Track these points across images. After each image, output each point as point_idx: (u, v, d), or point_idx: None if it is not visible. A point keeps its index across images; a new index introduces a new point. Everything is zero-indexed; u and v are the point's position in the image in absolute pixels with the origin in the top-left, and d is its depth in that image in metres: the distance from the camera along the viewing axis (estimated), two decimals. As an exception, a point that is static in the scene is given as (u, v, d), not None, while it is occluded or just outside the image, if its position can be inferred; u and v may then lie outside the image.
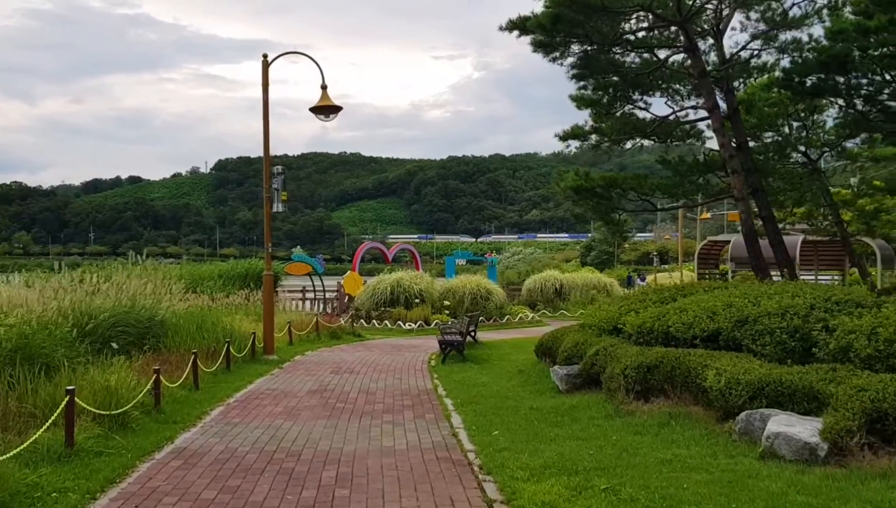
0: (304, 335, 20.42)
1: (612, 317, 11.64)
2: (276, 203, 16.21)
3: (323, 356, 17.55)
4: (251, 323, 18.34)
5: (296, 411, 10.28)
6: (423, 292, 26.83)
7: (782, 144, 18.04)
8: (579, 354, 11.43)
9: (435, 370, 14.75)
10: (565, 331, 13.44)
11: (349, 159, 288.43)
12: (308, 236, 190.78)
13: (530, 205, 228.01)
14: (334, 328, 21.98)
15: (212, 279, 25.34)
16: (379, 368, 15.21)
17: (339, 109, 16.23)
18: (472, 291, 28.01)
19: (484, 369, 14.69)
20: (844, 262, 32.00)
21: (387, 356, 17.45)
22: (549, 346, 13.53)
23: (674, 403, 8.74)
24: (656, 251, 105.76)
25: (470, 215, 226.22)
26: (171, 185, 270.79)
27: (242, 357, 15.17)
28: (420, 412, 10.17)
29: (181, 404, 10.53)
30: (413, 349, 19.42)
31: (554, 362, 13.32)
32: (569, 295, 34.80)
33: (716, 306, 9.51)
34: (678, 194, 17.24)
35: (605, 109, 16.85)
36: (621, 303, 12.24)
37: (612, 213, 17.67)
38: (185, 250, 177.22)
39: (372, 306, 26.77)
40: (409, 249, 40.07)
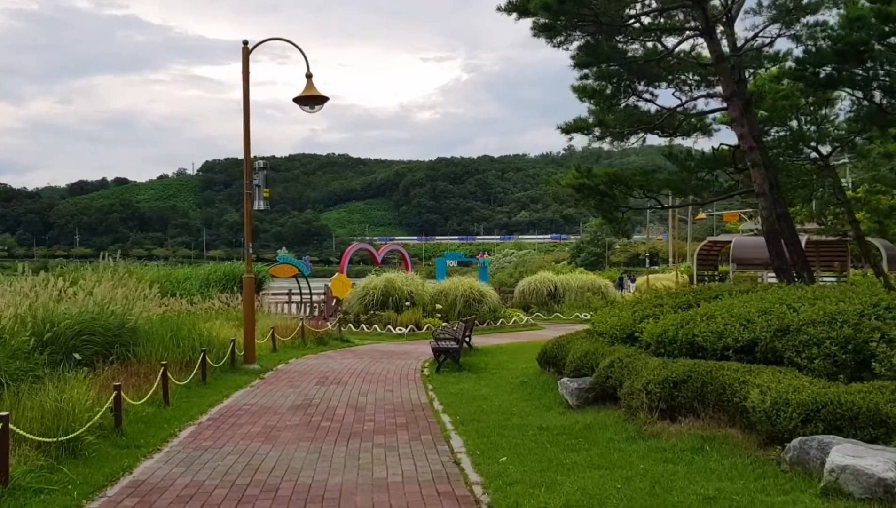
0: (289, 341, 19.28)
1: (626, 324, 10.57)
2: (258, 200, 15.09)
3: (308, 364, 16.42)
4: (232, 329, 17.19)
5: (275, 431, 9.16)
6: (413, 295, 25.75)
7: (795, 138, 17.05)
8: (590, 365, 10.36)
9: (429, 380, 13.65)
10: (571, 338, 12.36)
11: (337, 161, 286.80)
12: (296, 238, 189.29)
13: (519, 206, 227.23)
14: (321, 334, 20.85)
15: (192, 282, 24.16)
16: (368, 378, 14.10)
17: (325, 100, 15.12)
18: (465, 293, 26.93)
19: (482, 379, 13.60)
20: (846, 262, 31.21)
21: (377, 364, 16.34)
22: (553, 355, 12.45)
23: (705, 424, 7.67)
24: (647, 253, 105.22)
25: (458, 216, 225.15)
26: (157, 186, 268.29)
27: (221, 367, 14.02)
28: (415, 432, 9.06)
29: (147, 424, 9.38)
30: (404, 355, 18.32)
31: (560, 372, 12.25)
32: (563, 297, 33.78)
33: (749, 312, 8.44)
34: (686, 191, 16.22)
35: (608, 100, 15.81)
36: (635, 308, 11.17)
37: (615, 211, 16.61)
38: (172, 251, 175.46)
39: (361, 310, 25.66)
40: (399, 250, 38.91)
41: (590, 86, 15.68)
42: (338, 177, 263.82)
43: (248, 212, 15.30)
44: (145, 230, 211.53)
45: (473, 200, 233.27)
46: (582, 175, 16.20)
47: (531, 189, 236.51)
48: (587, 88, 15.69)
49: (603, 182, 16.09)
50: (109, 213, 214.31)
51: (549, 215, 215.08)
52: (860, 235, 18.03)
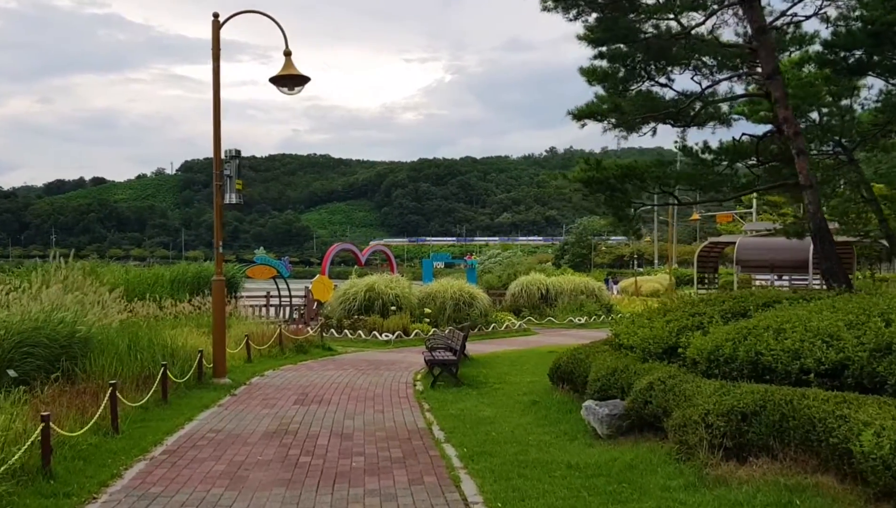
0: (265, 349, 17.54)
1: (662, 336, 8.97)
2: (229, 194, 13.36)
3: (286, 376, 14.71)
4: (201, 337, 15.44)
5: (244, 470, 7.46)
6: (400, 299, 24.05)
7: (824, 129, 15.55)
8: (619, 385, 8.75)
9: (424, 398, 11.99)
10: (589, 351, 10.75)
11: (318, 161, 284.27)
12: (276, 239, 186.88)
13: (501, 208, 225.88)
14: (301, 341, 19.12)
15: (161, 284, 22.31)
16: (354, 394, 12.42)
17: (306, 80, 13.43)
18: (455, 296, 25.28)
19: (485, 395, 11.95)
20: (852, 265, 29.92)
21: (363, 377, 14.66)
22: (569, 370, 10.84)
23: (786, 468, 6.08)
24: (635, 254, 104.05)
25: (441, 217, 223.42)
26: (135, 186, 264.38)
27: (186, 382, 12.29)
28: (416, 471, 7.39)
29: (87, 460, 7.66)
30: (393, 365, 16.65)
31: (576, 390, 10.65)
32: (556, 300, 32.21)
33: (834, 326, 6.86)
34: (706, 186, 14.66)
35: (620, 84, 14.21)
36: (668, 317, 9.57)
37: (626, 208, 15.03)
38: (150, 252, 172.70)
39: (344, 314, 23.94)
40: (384, 250, 37.21)
41: (601, 68, 14.07)
42: (319, 177, 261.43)
43: (217, 206, 13.58)
44: (123, 230, 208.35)
45: (456, 201, 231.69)
46: (591, 168, 14.61)
47: (514, 190, 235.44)
48: (598, 70, 14.08)
49: (614, 175, 14.51)
50: (86, 213, 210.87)
51: (532, 216, 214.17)
52: (890, 234, 16.56)
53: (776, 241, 25.29)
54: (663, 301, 39.71)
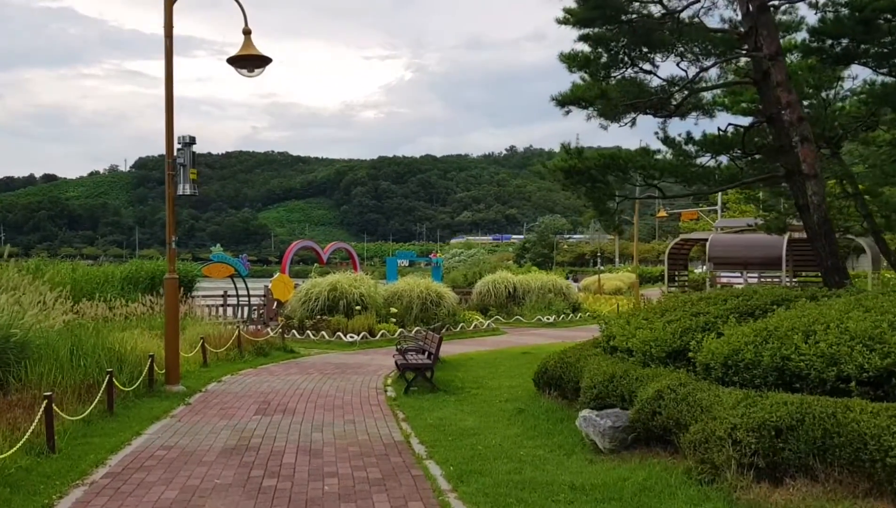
0: (223, 352, 16.42)
1: (665, 338, 8.15)
2: (183, 184, 12.27)
3: (246, 382, 13.66)
4: (154, 339, 14.31)
5: (199, 497, 6.45)
6: (365, 298, 23.04)
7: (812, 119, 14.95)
8: (618, 393, 7.92)
9: (398, 405, 11.05)
10: (579, 354, 9.91)
11: (276, 159, 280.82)
12: (233, 237, 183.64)
13: (462, 206, 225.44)
14: (261, 343, 18.03)
15: (111, 284, 21.00)
16: (321, 401, 11.44)
17: (267, 62, 12.39)
18: (422, 295, 24.35)
19: (464, 402, 11.04)
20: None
21: (329, 382, 13.67)
22: (556, 375, 10.00)
23: (829, 490, 5.30)
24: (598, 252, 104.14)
25: (401, 216, 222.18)
26: (88, 183, 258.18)
27: (135, 391, 11.18)
28: (398, 495, 6.45)
29: (15, 487, 6.60)
30: (360, 369, 15.68)
31: (564, 396, 9.82)
32: (523, 299, 31.44)
33: (878, 327, 6.09)
34: (690, 178, 13.93)
35: (602, 70, 13.43)
36: (667, 317, 8.76)
37: (607, 201, 14.27)
38: (103, 251, 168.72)
39: (306, 314, 22.85)
40: (346, 248, 36.13)
41: (583, 53, 13.25)
42: (277, 175, 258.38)
43: (170, 198, 12.47)
44: (75, 229, 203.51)
45: (416, 199, 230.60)
46: (571, 157, 13.82)
47: (474, 189, 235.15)
48: (579, 56, 13.26)
49: (595, 165, 13.74)
50: (36, 210, 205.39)
51: (493, 215, 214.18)
52: (876, 229, 16.06)
53: (749, 238, 24.80)
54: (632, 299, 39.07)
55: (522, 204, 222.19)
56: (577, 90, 12.87)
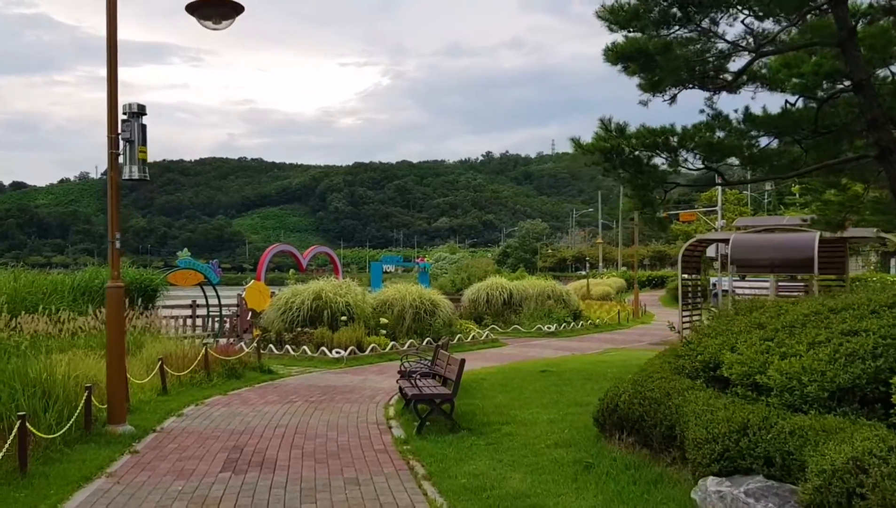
0: (187, 375, 13.68)
1: (828, 371, 5.59)
2: (129, 166, 9.55)
3: (213, 416, 10.94)
4: (100, 362, 11.53)
5: None
6: (351, 307, 20.36)
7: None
8: (760, 453, 5.35)
9: (412, 452, 8.40)
10: (666, 385, 7.27)
11: (251, 165, 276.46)
12: (207, 244, 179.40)
13: (439, 212, 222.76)
14: (233, 362, 15.27)
15: (59, 294, 18.14)
16: (310, 446, 8.78)
17: (239, 10, 9.72)
18: (415, 304, 21.72)
19: (501, 449, 8.37)
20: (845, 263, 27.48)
21: (316, 413, 11.01)
22: (634, 415, 7.37)
23: None
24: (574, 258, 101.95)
25: (377, 222, 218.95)
26: (57, 191, 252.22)
27: (65, 435, 8.46)
28: None
29: None
30: (352, 394, 13.02)
31: (647, 445, 7.23)
32: (520, 306, 28.91)
33: None
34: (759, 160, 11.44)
35: (652, 27, 10.89)
36: (807, 335, 6.20)
37: (654, 189, 11.74)
38: (73, 259, 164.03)
39: (285, 327, 20.12)
40: (327, 252, 33.37)
41: (629, 5, 10.71)
42: (251, 182, 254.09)
43: (113, 183, 9.75)
44: (44, 237, 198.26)
45: (393, 205, 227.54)
46: (612, 136, 11.28)
47: (451, 195, 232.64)
48: (625, 7, 10.71)
49: (643, 145, 11.20)
50: (5, 218, 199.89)
51: (470, 221, 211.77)
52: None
53: (777, 237, 22.42)
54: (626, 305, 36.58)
55: (499, 210, 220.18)
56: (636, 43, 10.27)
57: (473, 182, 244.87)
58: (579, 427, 8.95)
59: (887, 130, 10.77)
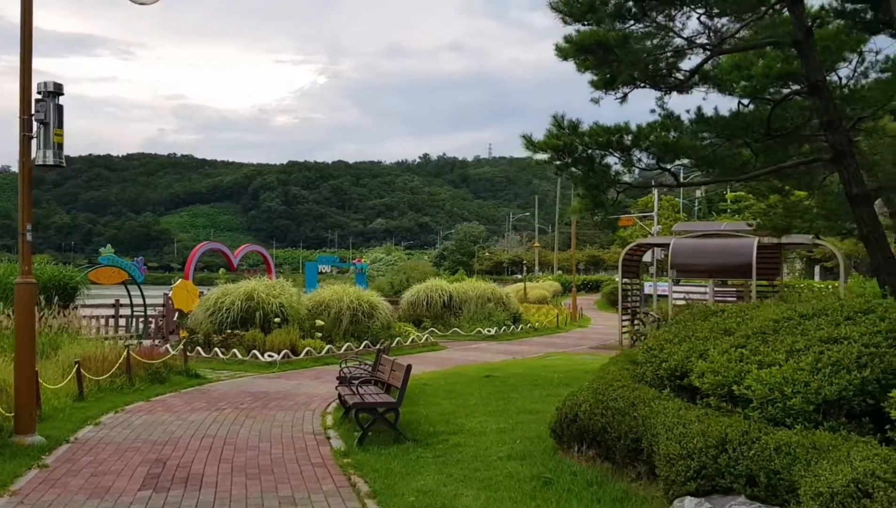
0: (107, 380, 12.71)
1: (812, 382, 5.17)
2: (43, 149, 8.66)
3: (134, 425, 10.07)
4: (8, 365, 10.56)
5: None
6: (285, 309, 19.51)
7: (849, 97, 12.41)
8: (742, 471, 4.89)
9: (354, 466, 7.74)
10: (629, 394, 6.79)
11: (180, 162, 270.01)
12: (134, 242, 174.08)
13: (375, 213, 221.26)
14: (157, 366, 14.32)
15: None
16: (240, 459, 8.05)
17: (168, -17, 8.90)
18: (352, 306, 21.00)
19: (450, 462, 7.76)
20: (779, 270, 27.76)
21: (248, 422, 10.25)
22: (596, 426, 6.87)
23: None
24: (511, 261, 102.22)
25: (312, 222, 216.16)
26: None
27: (-39, 448, 7.55)
28: None
29: None
30: (286, 400, 12.28)
31: (609, 458, 6.75)
32: (460, 309, 28.44)
33: None
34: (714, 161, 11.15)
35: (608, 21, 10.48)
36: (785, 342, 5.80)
37: (606, 189, 11.35)
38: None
39: (214, 328, 19.15)
40: (260, 251, 32.31)
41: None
42: (181, 179, 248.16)
43: (24, 169, 8.84)
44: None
45: (328, 206, 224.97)
46: (565, 133, 10.84)
47: (387, 196, 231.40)
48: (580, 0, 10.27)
49: (596, 143, 10.79)
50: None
51: (406, 222, 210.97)
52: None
53: (717, 242, 22.45)
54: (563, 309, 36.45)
55: (436, 212, 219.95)
56: (595, 34, 9.81)
57: (410, 184, 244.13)
58: (532, 438, 8.43)
59: (842, 133, 10.61)
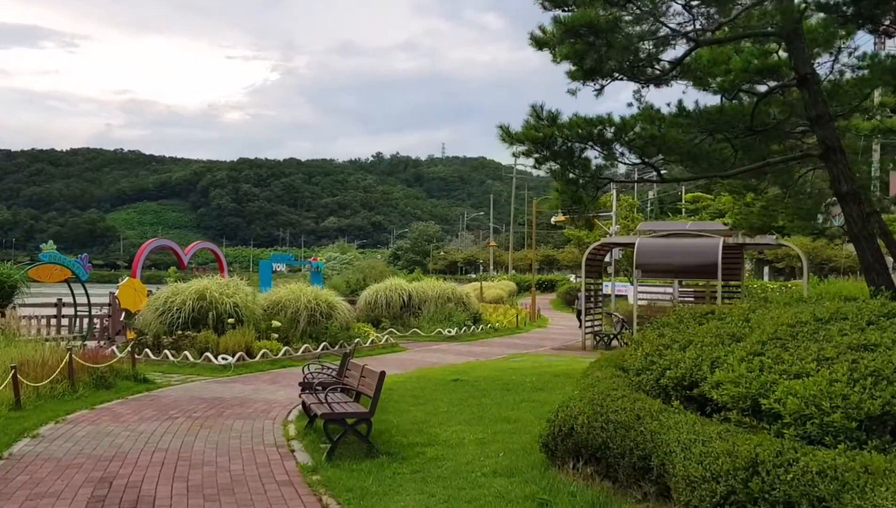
0: (47, 386, 11.74)
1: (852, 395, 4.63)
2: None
3: (77, 436, 9.19)
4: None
5: None
6: (240, 309, 18.60)
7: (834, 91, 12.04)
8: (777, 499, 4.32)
9: (323, 484, 7.00)
10: (632, 405, 6.17)
11: (128, 158, 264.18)
12: (78, 239, 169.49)
13: (327, 211, 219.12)
14: (102, 370, 13.35)
15: None
16: (196, 477, 7.26)
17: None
18: (310, 305, 20.19)
19: (429, 479, 7.06)
20: (741, 271, 27.64)
21: (203, 435, 9.42)
22: (595, 441, 6.26)
23: None
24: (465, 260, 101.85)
25: (263, 220, 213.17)
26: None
27: None
28: None
29: None
30: (243, 407, 11.47)
31: (609, 476, 6.16)
32: (420, 309, 27.76)
33: None
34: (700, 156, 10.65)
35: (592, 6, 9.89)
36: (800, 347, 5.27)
37: (586, 185, 10.78)
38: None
39: (164, 329, 18.16)
40: (211, 249, 31.15)
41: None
42: (128, 175, 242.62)
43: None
44: None
45: (279, 204, 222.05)
46: (544, 124, 10.24)
47: (340, 195, 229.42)
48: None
49: (577, 136, 10.22)
50: None
51: (359, 221, 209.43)
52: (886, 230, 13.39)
53: (682, 242, 22.16)
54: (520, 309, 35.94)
55: (389, 211, 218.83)
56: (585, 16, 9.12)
57: (363, 182, 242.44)
58: (516, 451, 7.79)
59: (831, 128, 10.22)
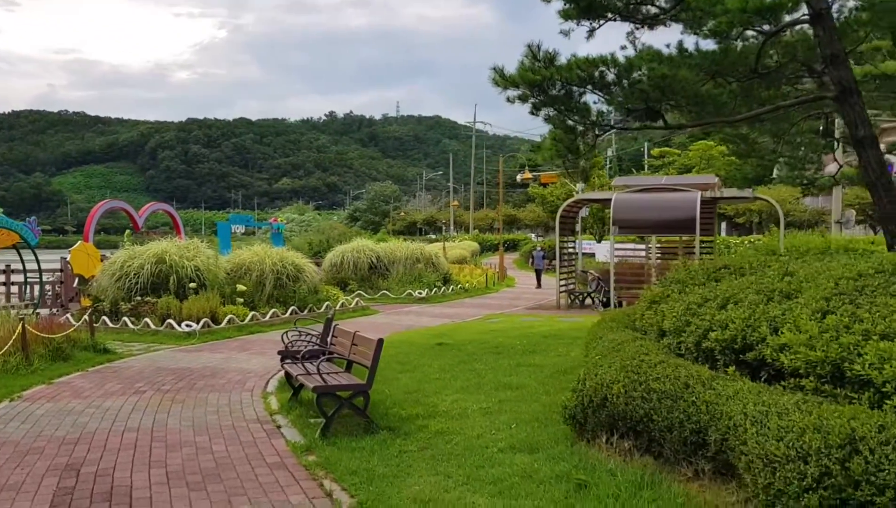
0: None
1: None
2: None
3: (36, 416, 8.26)
4: None
5: None
6: (202, 273, 17.61)
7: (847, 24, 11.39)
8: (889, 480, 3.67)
9: (321, 465, 6.22)
10: (670, 371, 5.52)
11: (73, 119, 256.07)
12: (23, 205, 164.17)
13: (280, 173, 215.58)
14: (59, 340, 12.34)
15: None
16: (175, 461, 6.44)
17: None
18: (276, 268, 19.27)
19: (438, 458, 6.33)
20: (714, 226, 27.30)
21: (176, 411, 8.55)
22: (634, 414, 5.59)
23: None
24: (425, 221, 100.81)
25: (214, 182, 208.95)
26: None
27: None
28: None
29: None
30: (216, 378, 10.61)
31: (650, 450, 5.52)
32: (388, 271, 26.97)
33: None
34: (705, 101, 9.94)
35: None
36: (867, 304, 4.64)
37: (585, 133, 10.04)
38: None
39: (121, 296, 17.11)
40: (167, 210, 29.81)
41: None
42: (73, 137, 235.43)
43: None
44: None
45: (230, 165, 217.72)
46: (541, 66, 9.44)
47: (293, 155, 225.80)
48: None
49: (575, 80, 9.44)
50: None
51: (313, 182, 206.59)
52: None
53: (660, 197, 21.68)
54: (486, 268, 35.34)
55: (344, 172, 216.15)
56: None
57: (317, 142, 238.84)
58: (529, 421, 7.12)
59: (847, 68, 9.59)
